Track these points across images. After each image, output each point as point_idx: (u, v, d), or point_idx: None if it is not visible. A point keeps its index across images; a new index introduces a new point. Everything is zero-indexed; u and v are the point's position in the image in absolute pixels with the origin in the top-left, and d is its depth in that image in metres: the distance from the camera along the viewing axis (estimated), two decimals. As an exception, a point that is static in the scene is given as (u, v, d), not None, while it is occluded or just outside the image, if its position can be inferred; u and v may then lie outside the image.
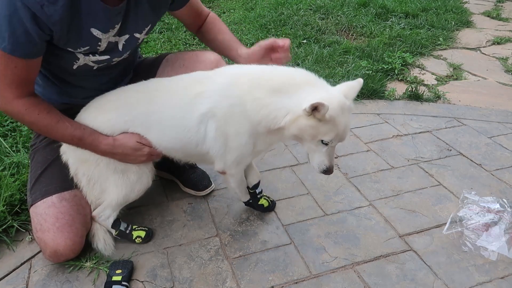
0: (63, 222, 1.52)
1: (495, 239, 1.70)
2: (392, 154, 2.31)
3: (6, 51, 1.29)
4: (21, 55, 1.31)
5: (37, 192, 1.58)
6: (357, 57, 3.44)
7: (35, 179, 1.61)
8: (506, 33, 4.26)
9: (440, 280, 1.56)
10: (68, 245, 1.53)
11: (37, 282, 1.55)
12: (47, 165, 1.63)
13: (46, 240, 1.51)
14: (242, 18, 4.27)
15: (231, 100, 1.44)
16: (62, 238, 1.51)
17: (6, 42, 1.27)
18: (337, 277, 1.57)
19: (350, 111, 1.45)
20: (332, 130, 1.38)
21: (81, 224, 1.58)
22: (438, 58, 3.66)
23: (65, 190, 1.58)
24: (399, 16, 4.45)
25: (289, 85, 1.41)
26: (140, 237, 1.71)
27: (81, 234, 1.59)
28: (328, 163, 1.47)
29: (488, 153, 2.32)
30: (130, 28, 1.50)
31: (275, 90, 1.40)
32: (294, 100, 1.38)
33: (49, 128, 1.46)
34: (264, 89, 1.41)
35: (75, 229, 1.55)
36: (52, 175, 1.60)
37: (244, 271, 1.59)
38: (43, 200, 1.55)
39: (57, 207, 1.54)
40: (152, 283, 1.54)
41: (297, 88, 1.40)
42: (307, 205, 1.93)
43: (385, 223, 1.83)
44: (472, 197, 1.88)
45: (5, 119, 2.42)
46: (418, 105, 2.85)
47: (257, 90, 1.41)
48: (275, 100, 1.39)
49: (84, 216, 1.61)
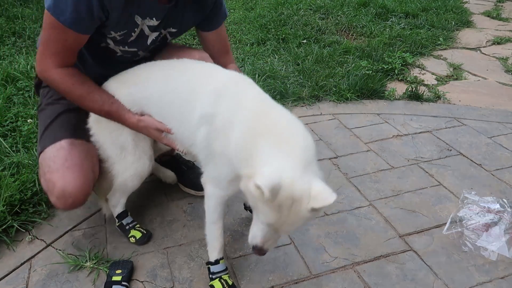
0: (72, 163, 1.50)
1: (495, 239, 1.70)
2: (392, 154, 2.31)
3: (65, 24, 1.33)
4: (77, 30, 1.36)
5: (46, 140, 1.58)
6: (357, 57, 3.44)
7: (44, 129, 1.62)
8: (506, 33, 4.26)
9: (440, 280, 1.56)
10: (78, 184, 1.48)
11: (37, 282, 1.55)
12: (55, 117, 1.64)
13: (54, 180, 1.48)
14: (242, 18, 4.27)
15: (230, 119, 1.31)
16: (71, 177, 1.48)
17: (67, 15, 1.32)
18: (337, 277, 1.57)
19: (301, 206, 1.13)
20: (268, 215, 1.16)
21: (90, 169, 1.55)
22: (438, 58, 3.66)
23: (75, 138, 1.58)
24: (399, 16, 4.45)
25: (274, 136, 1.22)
26: (134, 237, 1.71)
27: (91, 179, 1.55)
28: (259, 242, 1.23)
29: (488, 153, 2.32)
30: (165, 27, 1.58)
31: (263, 135, 1.23)
32: (261, 157, 1.18)
33: (82, 98, 1.49)
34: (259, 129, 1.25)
35: (84, 170, 1.52)
36: (61, 125, 1.62)
37: (244, 271, 1.59)
38: (52, 145, 1.54)
39: (66, 150, 1.52)
40: (152, 283, 1.54)
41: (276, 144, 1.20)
42: (307, 205, 1.93)
43: (385, 223, 1.83)
44: (472, 197, 1.88)
45: (5, 119, 2.42)
46: (418, 105, 2.85)
47: (254, 125, 1.26)
48: (257, 145, 1.21)
49: (93, 164, 1.58)
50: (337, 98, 2.87)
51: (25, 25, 3.91)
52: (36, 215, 1.83)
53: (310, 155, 1.21)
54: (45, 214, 1.84)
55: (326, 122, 2.62)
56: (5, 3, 4.42)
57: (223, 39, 1.74)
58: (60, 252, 1.67)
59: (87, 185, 1.52)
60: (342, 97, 2.87)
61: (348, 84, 2.96)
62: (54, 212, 1.87)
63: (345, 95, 2.87)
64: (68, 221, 1.82)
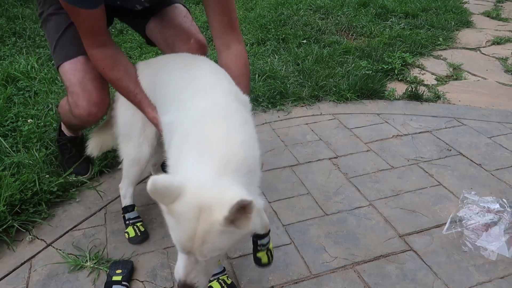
0: (92, 76, 1.61)
1: (495, 239, 1.70)
2: (392, 154, 2.31)
3: (76, 4, 1.36)
4: (86, 7, 1.37)
5: (60, 55, 1.66)
6: (357, 57, 3.44)
7: (54, 43, 1.69)
8: (506, 33, 4.26)
9: (440, 280, 1.56)
10: (100, 94, 1.62)
11: (37, 282, 1.55)
12: (63, 31, 1.69)
13: (77, 91, 1.60)
14: (242, 18, 4.27)
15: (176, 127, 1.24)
16: (93, 87, 1.61)
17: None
18: (337, 277, 1.57)
19: (211, 217, 0.94)
20: (175, 230, 1.01)
21: (107, 84, 1.66)
22: (438, 58, 3.66)
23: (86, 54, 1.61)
24: (399, 16, 4.45)
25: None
26: (128, 233, 1.73)
27: (108, 92, 1.67)
28: (181, 275, 1.05)
29: (488, 153, 2.32)
30: None
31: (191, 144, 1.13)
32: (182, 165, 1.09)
33: (111, 83, 1.55)
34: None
35: (104, 82, 1.63)
36: (71, 40, 1.65)
37: (244, 271, 1.59)
38: (69, 61, 1.63)
39: (83, 64, 1.62)
40: (152, 283, 1.55)
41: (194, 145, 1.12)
42: (307, 205, 1.93)
43: (385, 223, 1.83)
44: (472, 197, 1.88)
45: (6, 119, 2.42)
46: (418, 105, 2.85)
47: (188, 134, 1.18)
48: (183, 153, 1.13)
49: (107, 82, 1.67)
50: (337, 98, 2.87)
51: (25, 25, 3.91)
52: (36, 215, 1.83)
53: (234, 165, 1.03)
54: (45, 214, 1.84)
55: (326, 122, 2.62)
56: (5, 3, 4.42)
57: (226, 9, 1.52)
58: (60, 252, 1.67)
59: (107, 95, 1.66)
60: (342, 97, 2.87)
61: (348, 84, 2.96)
62: (54, 212, 1.87)
63: (345, 95, 2.87)
64: (68, 221, 1.83)
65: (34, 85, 2.85)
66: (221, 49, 1.57)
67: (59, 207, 1.91)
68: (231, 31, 1.55)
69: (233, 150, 1.06)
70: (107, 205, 1.93)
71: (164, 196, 0.96)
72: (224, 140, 1.09)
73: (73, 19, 1.45)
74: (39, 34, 3.78)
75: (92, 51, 1.49)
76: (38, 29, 3.87)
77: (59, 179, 1.97)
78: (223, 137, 1.10)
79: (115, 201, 1.95)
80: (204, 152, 1.06)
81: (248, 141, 1.14)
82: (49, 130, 2.35)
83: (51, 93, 2.77)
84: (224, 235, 0.96)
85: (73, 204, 1.93)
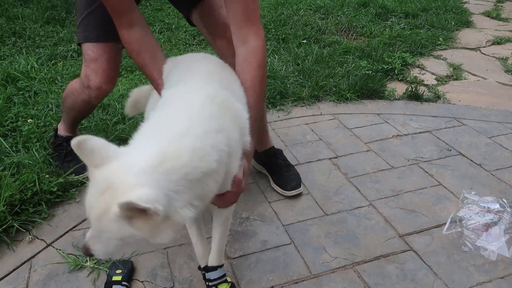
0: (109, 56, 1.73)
1: (495, 239, 1.70)
2: (392, 154, 2.31)
3: None
4: None
5: (81, 35, 1.75)
6: (357, 57, 3.44)
7: (80, 20, 1.75)
8: (506, 33, 4.26)
9: (440, 280, 1.56)
10: (112, 76, 1.78)
11: (37, 282, 1.55)
12: (89, 12, 1.72)
13: (93, 66, 1.73)
14: (242, 18, 4.26)
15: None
16: (108, 68, 1.74)
17: None
18: (337, 277, 1.57)
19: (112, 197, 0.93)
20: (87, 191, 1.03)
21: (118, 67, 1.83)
22: (438, 58, 3.66)
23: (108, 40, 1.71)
24: (399, 16, 4.45)
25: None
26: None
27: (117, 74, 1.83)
28: (86, 238, 1.06)
29: (488, 153, 2.32)
30: None
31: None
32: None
33: (138, 67, 1.57)
34: None
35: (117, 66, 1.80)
36: (95, 22, 1.72)
37: (244, 271, 1.59)
38: (89, 43, 1.73)
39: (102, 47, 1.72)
40: (152, 283, 1.55)
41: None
42: (307, 205, 1.93)
43: (385, 223, 1.83)
44: (472, 197, 1.88)
45: (5, 119, 2.42)
46: (418, 105, 2.85)
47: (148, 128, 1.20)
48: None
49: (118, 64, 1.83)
50: (337, 98, 2.87)
51: (25, 25, 3.91)
52: (36, 215, 1.83)
53: (167, 167, 0.98)
54: (45, 214, 1.84)
55: (326, 122, 2.62)
56: (5, 3, 4.42)
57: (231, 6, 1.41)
58: (60, 252, 1.67)
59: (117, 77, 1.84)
60: (342, 97, 2.87)
61: (348, 84, 2.96)
62: (54, 212, 1.87)
63: (345, 95, 2.87)
64: (68, 221, 1.83)
65: (34, 85, 2.85)
66: (238, 44, 1.43)
67: (59, 207, 1.91)
68: (248, 23, 1.40)
69: (176, 152, 1.00)
70: (107, 205, 1.93)
71: (86, 157, 0.98)
72: (174, 139, 1.04)
73: (104, 2, 1.42)
74: (39, 34, 3.78)
75: (120, 32, 1.47)
76: (38, 29, 3.88)
77: (59, 179, 1.97)
78: (174, 136, 1.05)
79: (115, 201, 1.95)
80: (149, 142, 1.03)
81: (202, 151, 1.04)
82: (49, 130, 2.35)
83: (51, 93, 2.77)
84: (115, 225, 0.95)
85: (73, 204, 1.93)
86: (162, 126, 1.11)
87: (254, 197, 1.98)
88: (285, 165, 2.05)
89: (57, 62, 3.27)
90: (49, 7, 4.37)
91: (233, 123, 1.19)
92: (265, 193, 2.01)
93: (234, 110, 1.23)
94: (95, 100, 1.87)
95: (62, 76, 3.03)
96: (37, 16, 4.12)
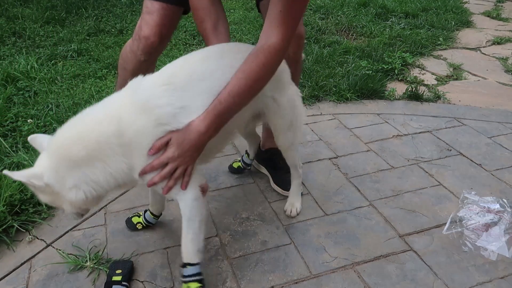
0: (164, 13, 1.73)
1: (495, 239, 1.70)
2: (392, 154, 2.31)
3: None
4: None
5: None
6: (357, 57, 3.44)
7: None
8: (506, 33, 4.26)
9: (440, 280, 1.56)
10: (162, 30, 1.74)
11: (37, 282, 1.55)
12: None
13: (147, 18, 1.73)
14: (242, 18, 4.27)
15: None
16: (160, 21, 1.72)
17: None
18: (337, 277, 1.57)
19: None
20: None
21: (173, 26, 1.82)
22: (438, 58, 3.66)
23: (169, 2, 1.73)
24: (399, 16, 4.45)
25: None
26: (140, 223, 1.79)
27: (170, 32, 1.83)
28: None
29: (488, 153, 2.32)
30: None
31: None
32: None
33: (201, 35, 1.60)
34: None
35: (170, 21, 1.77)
36: None
37: (244, 271, 1.59)
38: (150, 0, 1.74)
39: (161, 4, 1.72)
40: (152, 283, 1.55)
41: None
42: (307, 205, 1.93)
43: (385, 223, 1.83)
44: (472, 197, 1.88)
45: (5, 119, 2.42)
46: (418, 105, 2.85)
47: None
48: None
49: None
50: (337, 98, 2.87)
51: (25, 25, 3.91)
52: (36, 215, 1.83)
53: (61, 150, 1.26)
54: (45, 214, 1.84)
55: (326, 122, 2.62)
56: (5, 3, 4.42)
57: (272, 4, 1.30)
58: (60, 252, 1.67)
59: (169, 34, 1.82)
60: (342, 97, 2.87)
61: (348, 84, 2.96)
62: (54, 212, 1.87)
63: (345, 95, 2.87)
64: (68, 221, 1.83)
65: (34, 85, 2.85)
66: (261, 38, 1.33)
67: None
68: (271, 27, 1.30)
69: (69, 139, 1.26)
70: (107, 205, 1.93)
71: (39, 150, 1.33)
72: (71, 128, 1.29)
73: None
74: (39, 34, 3.78)
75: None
76: (38, 29, 3.88)
77: (59, 179, 1.97)
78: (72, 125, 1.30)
79: (115, 201, 1.95)
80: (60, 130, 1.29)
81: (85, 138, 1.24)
82: (49, 130, 2.35)
83: (51, 93, 2.77)
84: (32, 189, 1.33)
85: (73, 204, 1.93)
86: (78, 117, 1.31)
87: (254, 197, 1.98)
88: (285, 166, 2.05)
89: (57, 62, 3.27)
90: (49, 7, 4.38)
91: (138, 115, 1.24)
92: (265, 193, 2.01)
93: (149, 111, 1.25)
94: (141, 53, 1.79)
95: (62, 76, 3.03)
96: (37, 16, 4.12)
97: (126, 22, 4.16)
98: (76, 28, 3.98)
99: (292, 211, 1.85)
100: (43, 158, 1.29)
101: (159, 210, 1.77)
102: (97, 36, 3.85)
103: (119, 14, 4.37)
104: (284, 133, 1.64)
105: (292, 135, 1.67)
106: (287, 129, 1.63)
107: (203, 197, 1.37)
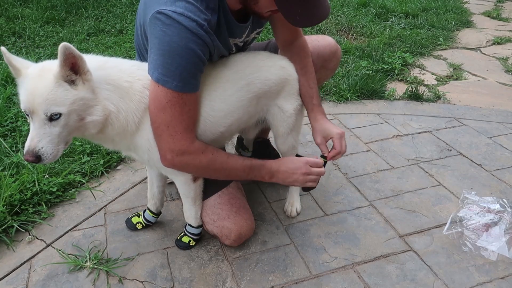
0: (238, 206, 1.64)
1: (495, 239, 1.70)
2: (392, 154, 2.31)
3: (178, 89, 1.27)
4: (191, 90, 1.31)
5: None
6: (357, 57, 3.44)
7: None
8: (506, 33, 4.26)
9: (440, 280, 1.56)
10: (249, 224, 1.65)
11: (37, 282, 1.55)
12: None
13: (229, 226, 1.60)
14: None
15: None
16: (243, 220, 1.62)
17: (177, 79, 1.26)
18: (337, 277, 1.57)
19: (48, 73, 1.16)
20: (20, 94, 1.18)
21: (247, 204, 1.71)
22: (438, 58, 3.66)
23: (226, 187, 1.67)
24: (399, 16, 4.45)
25: None
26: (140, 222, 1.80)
27: (251, 212, 1.71)
28: (26, 143, 1.16)
29: (488, 153, 2.32)
30: (251, 32, 1.61)
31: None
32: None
33: (224, 164, 1.45)
34: None
35: (248, 209, 1.69)
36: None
37: (244, 271, 1.59)
38: (211, 197, 1.64)
39: (226, 194, 1.64)
40: (152, 283, 1.54)
41: None
42: (307, 205, 1.93)
43: (385, 223, 1.83)
44: (472, 197, 1.88)
45: (5, 119, 2.42)
46: (418, 105, 2.85)
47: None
48: None
49: (245, 196, 1.74)
50: (337, 98, 2.87)
51: (25, 25, 3.91)
52: (36, 215, 1.83)
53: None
54: (45, 214, 1.84)
55: (326, 122, 2.62)
56: (5, 3, 4.42)
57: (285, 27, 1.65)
58: (60, 252, 1.67)
59: (254, 221, 1.70)
60: (342, 97, 2.87)
61: (348, 84, 2.96)
62: (54, 212, 1.87)
63: (345, 95, 2.87)
64: (68, 221, 1.83)
65: (34, 85, 2.85)
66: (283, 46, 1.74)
67: (59, 207, 1.91)
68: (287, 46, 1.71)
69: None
70: (107, 205, 1.93)
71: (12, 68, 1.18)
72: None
73: (180, 112, 1.30)
74: (38, 34, 3.78)
75: (196, 143, 1.39)
76: (38, 29, 3.88)
77: (59, 179, 1.97)
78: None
79: (115, 201, 1.95)
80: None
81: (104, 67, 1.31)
82: (49, 130, 2.35)
83: (51, 93, 2.76)
84: (60, 89, 1.15)
85: (73, 204, 1.93)
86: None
87: (254, 197, 1.98)
88: (274, 156, 2.06)
89: (57, 62, 3.27)
90: (49, 7, 4.38)
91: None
92: (265, 193, 2.01)
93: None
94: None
95: (62, 76, 3.03)
96: (37, 16, 4.12)
97: (126, 22, 4.16)
98: (76, 28, 3.98)
99: (292, 211, 1.85)
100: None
101: (158, 207, 1.78)
102: (97, 36, 3.85)
103: (119, 14, 4.37)
104: (285, 138, 1.72)
105: (292, 139, 1.75)
106: (288, 134, 1.72)
107: (193, 182, 1.54)
